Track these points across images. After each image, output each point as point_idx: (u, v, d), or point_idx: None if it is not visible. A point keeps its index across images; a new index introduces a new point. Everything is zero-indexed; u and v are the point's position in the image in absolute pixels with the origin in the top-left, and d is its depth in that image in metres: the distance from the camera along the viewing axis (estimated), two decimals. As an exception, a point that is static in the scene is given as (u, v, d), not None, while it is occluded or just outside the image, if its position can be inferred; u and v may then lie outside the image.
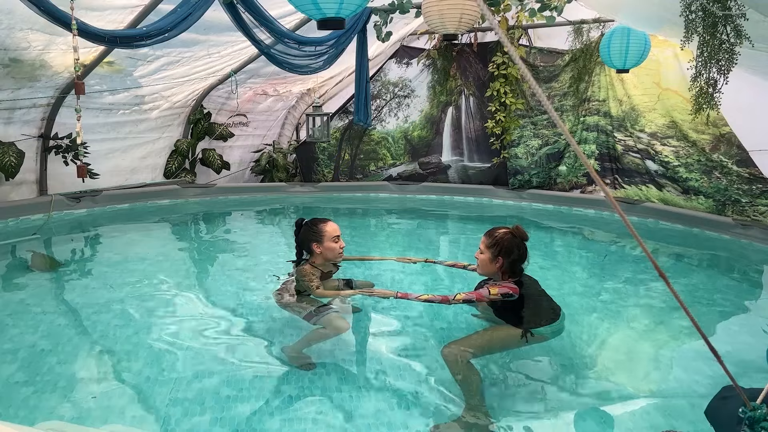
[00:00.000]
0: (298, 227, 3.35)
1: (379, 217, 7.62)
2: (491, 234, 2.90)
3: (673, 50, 6.75)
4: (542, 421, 2.61)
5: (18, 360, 3.09)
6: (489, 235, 2.91)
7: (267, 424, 2.53)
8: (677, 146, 6.98)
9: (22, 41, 5.17)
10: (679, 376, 3.06)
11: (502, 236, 2.85)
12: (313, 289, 3.18)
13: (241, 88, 8.00)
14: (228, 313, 3.86)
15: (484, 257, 2.90)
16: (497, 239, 2.85)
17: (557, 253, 5.89)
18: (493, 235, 2.88)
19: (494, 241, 2.86)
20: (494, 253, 2.85)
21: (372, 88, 8.45)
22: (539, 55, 7.94)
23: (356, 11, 2.94)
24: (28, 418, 2.54)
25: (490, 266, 2.89)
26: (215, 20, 5.41)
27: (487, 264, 2.89)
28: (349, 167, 9.15)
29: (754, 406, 1.44)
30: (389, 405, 2.69)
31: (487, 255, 2.87)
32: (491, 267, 2.89)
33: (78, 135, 4.56)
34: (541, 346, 3.16)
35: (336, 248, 3.25)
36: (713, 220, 6.42)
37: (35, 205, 6.47)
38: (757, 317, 4.13)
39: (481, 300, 2.83)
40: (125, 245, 5.87)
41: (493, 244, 2.85)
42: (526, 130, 8.13)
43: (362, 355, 3.28)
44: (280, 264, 4.85)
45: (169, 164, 8.26)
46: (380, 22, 6.08)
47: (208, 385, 2.82)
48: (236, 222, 7.53)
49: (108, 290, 4.27)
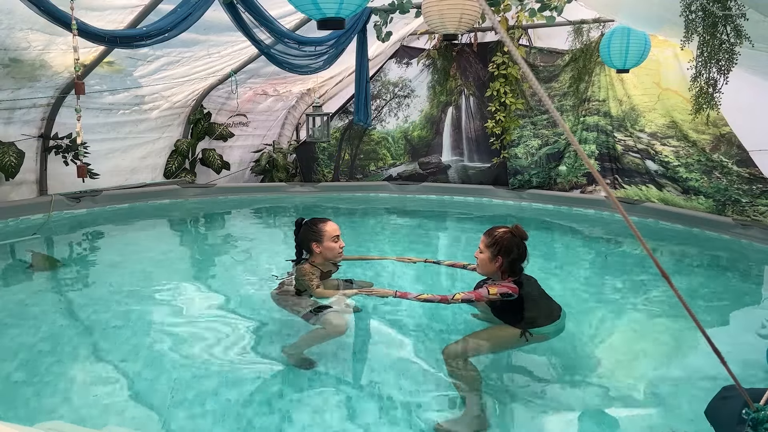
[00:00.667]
0: (297, 227, 3.35)
1: (379, 217, 7.62)
2: (491, 233, 2.90)
3: (673, 50, 6.75)
4: (542, 421, 2.61)
5: (18, 360, 3.09)
6: (488, 234, 2.91)
7: (267, 424, 2.52)
8: (677, 146, 6.97)
9: (22, 41, 5.17)
10: (679, 376, 3.06)
11: (501, 235, 2.85)
12: (312, 288, 3.18)
13: (241, 88, 8.00)
14: (228, 313, 3.86)
15: (483, 256, 2.90)
16: (497, 238, 2.85)
17: (557, 253, 5.89)
18: (492, 235, 2.89)
19: (494, 240, 2.86)
20: (494, 252, 2.85)
21: (372, 88, 8.44)
22: (539, 55, 7.94)
23: (356, 11, 2.94)
24: (27, 418, 2.54)
25: (490, 265, 2.89)
26: (215, 20, 5.41)
27: (487, 263, 2.89)
28: (349, 167, 9.14)
29: (757, 407, 1.44)
30: (389, 405, 2.69)
31: (487, 254, 2.87)
32: (491, 266, 2.89)
33: (78, 135, 4.56)
34: (541, 346, 3.15)
35: (336, 248, 3.25)
36: (713, 220, 6.42)
37: (35, 205, 6.47)
38: (757, 317, 4.13)
39: (480, 300, 2.83)
40: (125, 245, 5.87)
41: (493, 244, 2.86)
42: (525, 130, 8.13)
43: (362, 355, 3.28)
44: (280, 264, 4.85)
45: (169, 164, 8.26)
46: (380, 22, 6.08)
47: (207, 385, 2.82)
48: (236, 222, 7.52)
49: (108, 290, 4.27)
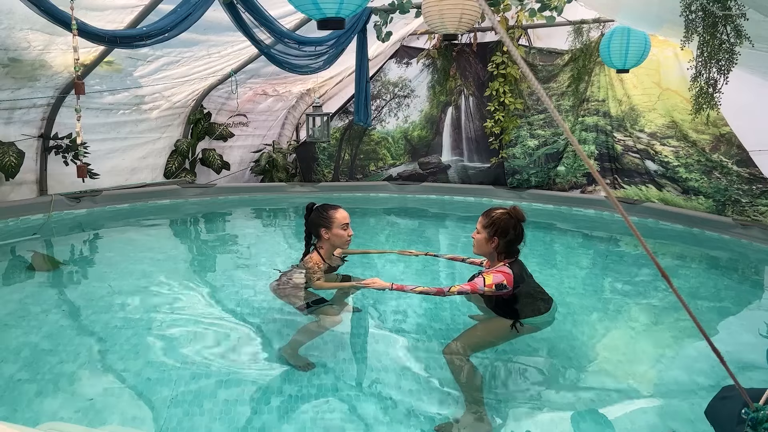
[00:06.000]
0: (308, 211, 3.32)
1: (379, 217, 7.62)
2: (488, 214, 2.88)
3: (673, 50, 6.75)
4: (542, 421, 2.61)
5: (18, 360, 3.09)
6: (486, 215, 2.89)
7: (267, 424, 2.52)
8: (677, 146, 6.98)
9: (22, 41, 5.17)
10: (679, 376, 3.06)
11: (498, 216, 2.83)
12: (313, 280, 3.18)
13: (241, 88, 8.00)
14: (228, 313, 3.86)
15: (480, 237, 2.88)
16: (493, 219, 2.83)
17: (557, 253, 5.89)
18: (489, 215, 2.86)
19: (491, 221, 2.84)
20: (490, 233, 2.82)
21: (372, 88, 8.44)
22: (538, 55, 7.94)
23: (356, 11, 2.94)
24: (28, 418, 2.54)
25: (486, 246, 2.86)
26: (215, 20, 5.41)
27: (483, 244, 2.87)
28: (349, 167, 9.14)
29: (757, 407, 1.44)
30: (389, 405, 2.69)
31: (483, 235, 2.85)
32: (487, 247, 2.86)
33: (78, 135, 4.56)
34: (541, 346, 3.16)
35: (344, 235, 3.22)
36: (713, 220, 6.42)
37: (35, 205, 6.46)
38: (757, 317, 4.13)
39: (476, 291, 2.78)
40: (125, 245, 5.87)
41: (490, 224, 2.83)
42: (522, 129, 8.13)
43: (362, 355, 3.28)
44: (279, 264, 4.84)
45: (169, 164, 8.26)
46: (380, 22, 6.08)
47: (207, 385, 2.82)
48: (236, 222, 7.52)
49: (108, 290, 4.27)
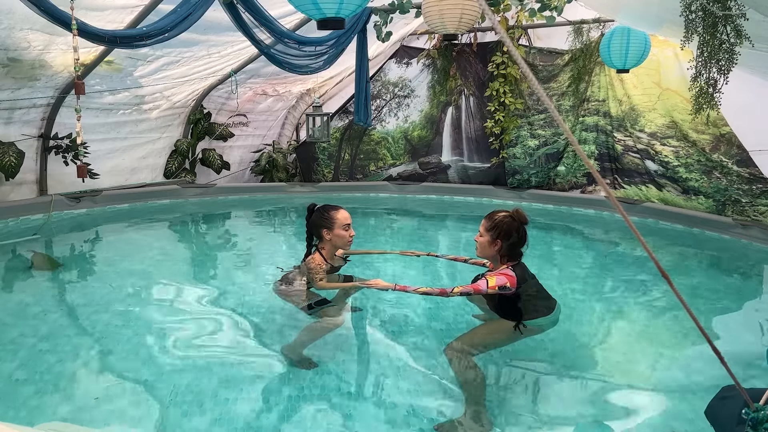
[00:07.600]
0: (309, 212, 3.33)
1: (379, 217, 7.62)
2: (491, 217, 2.88)
3: (673, 50, 6.75)
4: (542, 421, 2.61)
5: (18, 360, 3.09)
6: (489, 218, 2.89)
7: (267, 424, 2.52)
8: (677, 146, 6.97)
9: (22, 41, 5.16)
10: (679, 376, 3.06)
11: (501, 219, 2.83)
12: (316, 281, 3.18)
13: (241, 88, 7.99)
14: (228, 313, 3.86)
15: (483, 240, 2.87)
16: (496, 222, 2.83)
17: (557, 253, 5.89)
18: (492, 218, 2.86)
19: (493, 224, 2.83)
20: (493, 236, 2.82)
21: (372, 88, 8.44)
22: (538, 55, 7.93)
23: (356, 11, 2.94)
24: (28, 418, 2.54)
25: (489, 249, 2.86)
26: (215, 20, 5.41)
27: (486, 247, 2.86)
28: (349, 167, 9.14)
29: (757, 407, 1.43)
30: (390, 405, 2.69)
31: (486, 238, 2.85)
32: (490, 250, 2.86)
33: (78, 135, 4.56)
34: (541, 346, 3.16)
35: (346, 236, 3.23)
36: (713, 220, 6.42)
37: (35, 205, 6.46)
38: (757, 317, 4.13)
39: (479, 292, 2.78)
40: (125, 245, 5.87)
41: (493, 227, 2.83)
42: (522, 129, 8.13)
43: (363, 355, 3.28)
44: (279, 264, 4.84)
45: (169, 164, 8.26)
46: (380, 22, 6.08)
47: (207, 385, 2.82)
48: (236, 222, 7.53)
49: (108, 290, 4.27)
